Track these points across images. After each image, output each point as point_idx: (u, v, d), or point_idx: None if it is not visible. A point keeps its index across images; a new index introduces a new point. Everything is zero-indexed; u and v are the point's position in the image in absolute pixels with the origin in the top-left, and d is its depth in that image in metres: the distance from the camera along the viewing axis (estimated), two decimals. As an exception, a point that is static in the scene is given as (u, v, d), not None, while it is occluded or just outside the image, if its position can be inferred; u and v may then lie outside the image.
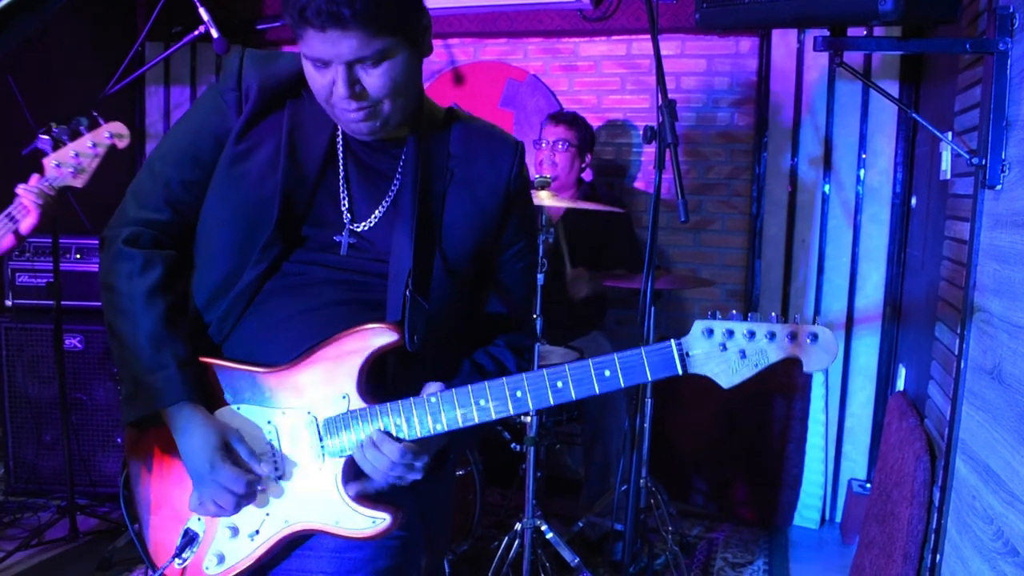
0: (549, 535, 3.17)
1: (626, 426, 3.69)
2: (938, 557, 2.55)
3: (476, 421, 1.50)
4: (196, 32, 3.36)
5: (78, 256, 3.99)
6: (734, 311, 1.46)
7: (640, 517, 3.40)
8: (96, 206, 3.32)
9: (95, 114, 2.63)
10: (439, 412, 1.49)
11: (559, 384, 1.47)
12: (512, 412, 1.49)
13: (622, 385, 1.46)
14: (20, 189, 2.65)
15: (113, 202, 1.68)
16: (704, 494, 4.30)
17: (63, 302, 3.69)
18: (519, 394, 1.48)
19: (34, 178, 2.67)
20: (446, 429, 1.50)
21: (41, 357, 3.98)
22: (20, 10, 0.99)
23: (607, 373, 1.45)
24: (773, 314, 1.44)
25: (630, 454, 2.98)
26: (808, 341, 1.42)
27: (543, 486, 3.57)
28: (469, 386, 1.50)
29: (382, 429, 1.50)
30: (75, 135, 2.63)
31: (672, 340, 1.44)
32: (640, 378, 1.45)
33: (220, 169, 1.60)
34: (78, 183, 2.64)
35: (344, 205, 1.61)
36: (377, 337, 1.51)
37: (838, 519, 4.23)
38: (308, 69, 1.48)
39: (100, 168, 2.71)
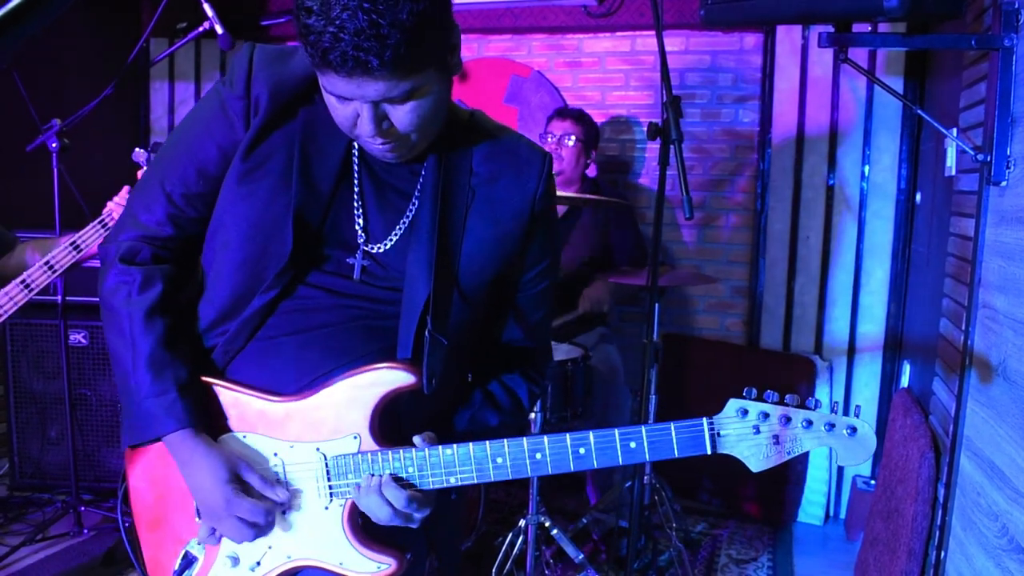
0: (553, 531, 3.17)
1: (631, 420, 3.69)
2: (942, 554, 2.55)
3: (492, 479, 1.45)
4: (201, 28, 3.35)
5: (83, 252, 4.00)
6: (770, 391, 1.39)
7: (645, 514, 3.40)
8: (102, 202, 3.33)
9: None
10: (454, 467, 1.44)
11: (581, 451, 1.41)
12: (530, 474, 1.44)
13: (647, 459, 1.40)
14: (112, 201, 3.02)
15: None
16: (709, 491, 4.30)
17: (68, 298, 3.70)
18: (539, 456, 1.42)
19: (125, 190, 2.98)
20: (460, 484, 1.45)
21: (46, 352, 3.99)
22: (26, 11, 0.98)
23: (632, 445, 1.40)
24: (811, 399, 1.38)
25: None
26: (846, 433, 1.35)
27: (547, 483, 3.57)
28: (487, 442, 1.44)
29: (391, 475, 1.44)
30: None
31: (704, 419, 1.39)
32: (666, 454, 1.39)
33: (228, 185, 1.50)
34: None
35: (359, 224, 1.52)
36: (394, 378, 1.45)
37: (842, 516, 4.23)
38: (329, 99, 1.38)
39: (104, 162, 2.74)
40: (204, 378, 1.52)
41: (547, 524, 3.15)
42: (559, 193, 3.17)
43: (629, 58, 4.56)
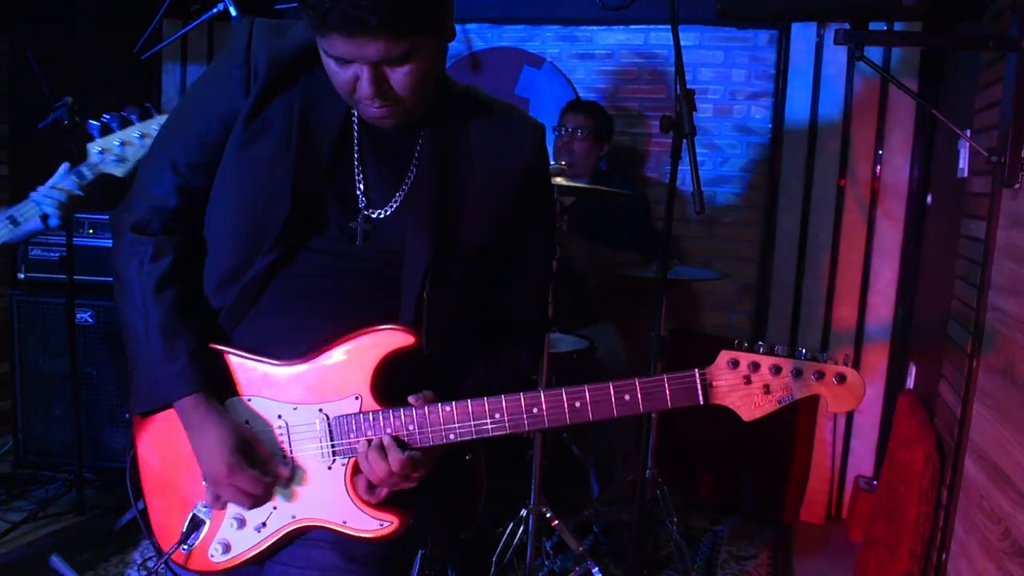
0: (555, 522, 3.17)
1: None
2: (944, 556, 2.55)
3: (490, 434, 1.47)
4: (214, 10, 3.35)
5: (91, 231, 4.00)
6: (760, 343, 1.42)
7: (646, 508, 3.40)
8: (109, 181, 3.33)
9: (148, 105, 2.61)
10: (453, 423, 1.47)
11: (577, 404, 1.44)
12: (527, 428, 1.46)
13: (641, 410, 1.44)
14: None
15: (126, 177, 1.66)
16: (710, 486, 4.29)
17: (76, 276, 3.71)
18: (535, 411, 1.46)
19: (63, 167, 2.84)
20: (459, 440, 1.48)
21: (52, 331, 4.00)
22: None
23: (627, 398, 1.43)
24: (802, 349, 1.41)
25: (637, 445, 2.98)
26: (835, 381, 1.38)
27: (550, 474, 3.57)
28: (485, 399, 1.47)
29: (392, 435, 1.47)
30: (125, 123, 2.63)
31: (696, 370, 1.42)
32: (660, 405, 1.43)
33: (229, 153, 1.54)
34: (118, 172, 2.66)
35: (360, 189, 1.55)
36: (393, 339, 1.48)
37: (844, 515, 4.22)
38: (328, 64, 1.41)
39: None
40: (211, 345, 1.54)
41: (548, 515, 3.15)
42: (572, 183, 3.16)
43: (642, 51, 4.54)
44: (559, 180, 3.06)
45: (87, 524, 3.63)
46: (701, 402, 1.42)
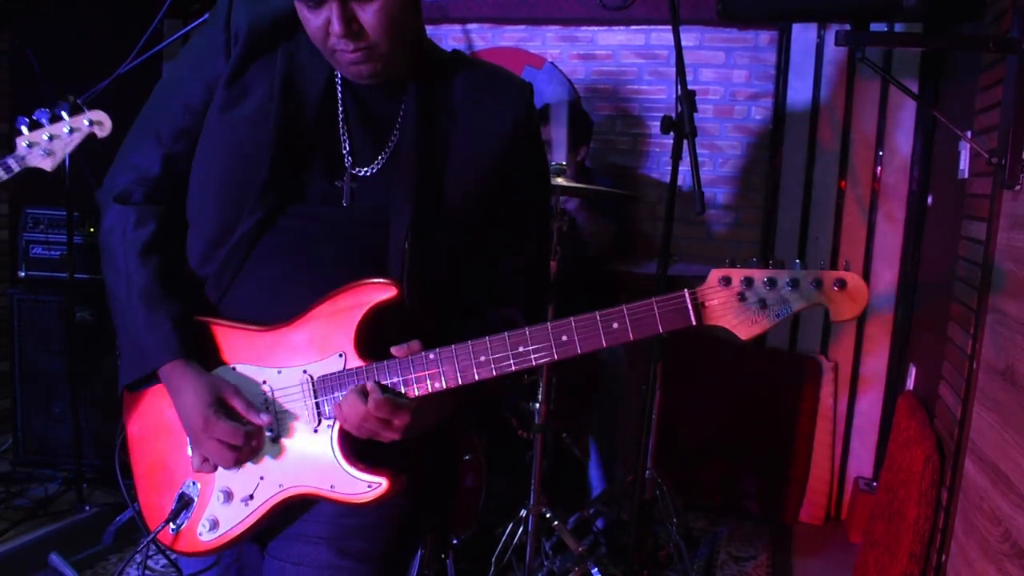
0: (554, 523, 3.17)
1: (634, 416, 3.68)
2: (944, 557, 2.55)
3: (476, 378, 1.42)
4: (215, 9, 3.34)
5: (91, 230, 4.00)
6: (754, 258, 1.36)
7: (645, 508, 3.40)
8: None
9: (78, 101, 2.63)
10: (438, 369, 1.42)
11: (564, 338, 1.37)
12: (514, 368, 1.40)
13: (631, 338, 1.35)
14: None
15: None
16: (710, 487, 4.29)
17: (76, 275, 3.70)
18: (521, 349, 1.39)
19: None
20: (445, 387, 1.43)
21: (52, 329, 3.99)
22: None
23: (615, 326, 1.36)
24: (797, 260, 1.34)
25: (637, 445, 2.98)
26: (835, 287, 1.31)
27: (549, 474, 3.57)
28: (469, 342, 1.42)
29: (376, 382, 1.43)
30: (55, 119, 2.65)
31: (686, 289, 1.35)
32: (651, 330, 1.35)
33: (211, 115, 1.54)
34: (46, 165, 2.67)
35: (345, 148, 1.54)
36: (374, 292, 1.44)
37: (843, 517, 4.22)
38: (302, 12, 1.42)
39: (116, 143, 2.70)
40: (197, 317, 1.54)
41: (548, 515, 3.15)
42: (570, 184, 3.16)
43: (643, 52, 4.54)
44: (559, 180, 3.07)
45: (86, 522, 3.62)
46: (694, 323, 1.35)
